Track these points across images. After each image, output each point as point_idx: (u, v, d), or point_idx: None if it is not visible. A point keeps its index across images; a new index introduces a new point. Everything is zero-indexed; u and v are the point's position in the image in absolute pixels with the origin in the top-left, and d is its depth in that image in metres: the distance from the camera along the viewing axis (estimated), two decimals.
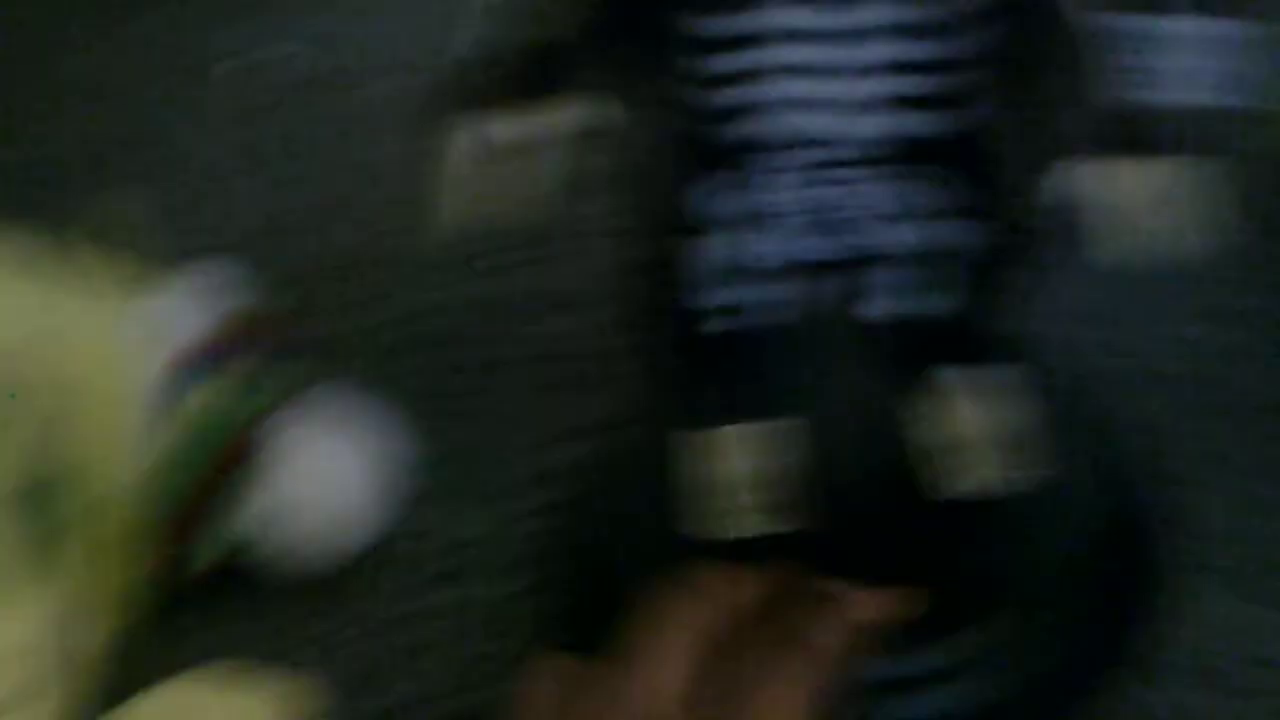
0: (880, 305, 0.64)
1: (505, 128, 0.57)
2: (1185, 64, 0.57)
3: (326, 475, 0.73)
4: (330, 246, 0.88)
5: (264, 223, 0.90)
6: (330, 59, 1.03)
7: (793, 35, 0.58)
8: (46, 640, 0.64)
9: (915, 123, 0.59)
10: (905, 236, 0.62)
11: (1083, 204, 0.60)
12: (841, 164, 0.59)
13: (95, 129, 0.98)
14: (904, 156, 0.60)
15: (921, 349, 0.64)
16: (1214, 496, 0.73)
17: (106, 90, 1.02)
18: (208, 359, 0.72)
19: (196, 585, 0.71)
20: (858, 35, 0.58)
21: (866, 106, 0.59)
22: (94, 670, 0.67)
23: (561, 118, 0.59)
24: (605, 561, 0.66)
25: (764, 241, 0.60)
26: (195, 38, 1.06)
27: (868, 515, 0.64)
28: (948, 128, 0.59)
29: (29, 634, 0.63)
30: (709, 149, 0.58)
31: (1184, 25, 0.57)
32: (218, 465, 0.71)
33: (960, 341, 0.65)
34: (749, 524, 0.62)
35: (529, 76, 0.56)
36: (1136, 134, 0.58)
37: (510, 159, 0.59)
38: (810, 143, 0.59)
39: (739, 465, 0.63)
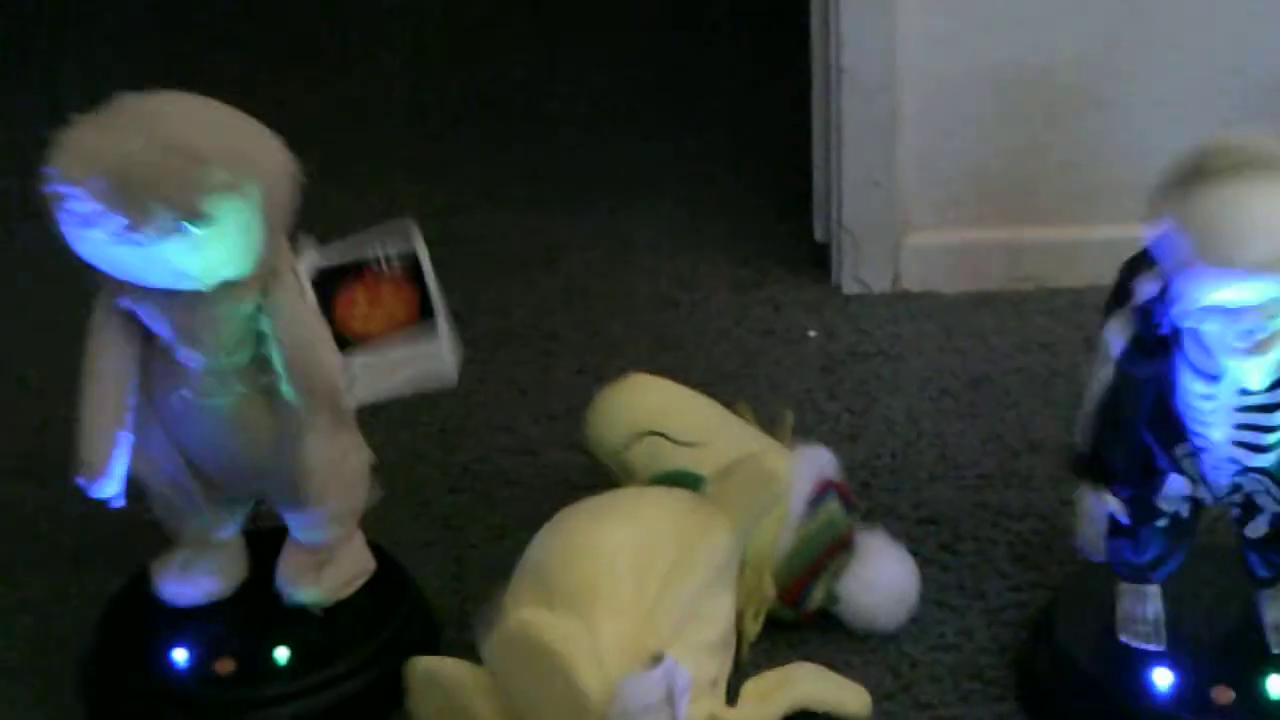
0: (1255, 529, 1.15)
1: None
2: None
3: (886, 573, 1.25)
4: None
5: (838, 430, 1.48)
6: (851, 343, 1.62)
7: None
8: (732, 618, 1.17)
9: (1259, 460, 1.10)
10: (1268, 501, 1.12)
11: None
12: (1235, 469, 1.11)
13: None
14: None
15: (1270, 561, 1.15)
16: None
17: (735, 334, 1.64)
18: (829, 492, 1.26)
19: (805, 619, 1.24)
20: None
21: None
22: (742, 647, 1.19)
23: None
24: (1061, 646, 1.17)
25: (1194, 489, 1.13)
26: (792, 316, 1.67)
27: (1222, 653, 1.14)
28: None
29: (731, 609, 1.17)
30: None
31: None
32: (828, 552, 1.24)
33: None
34: (1149, 640, 1.14)
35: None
36: None
37: None
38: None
39: (1147, 608, 1.15)
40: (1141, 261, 1.10)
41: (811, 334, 1.64)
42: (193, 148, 1.04)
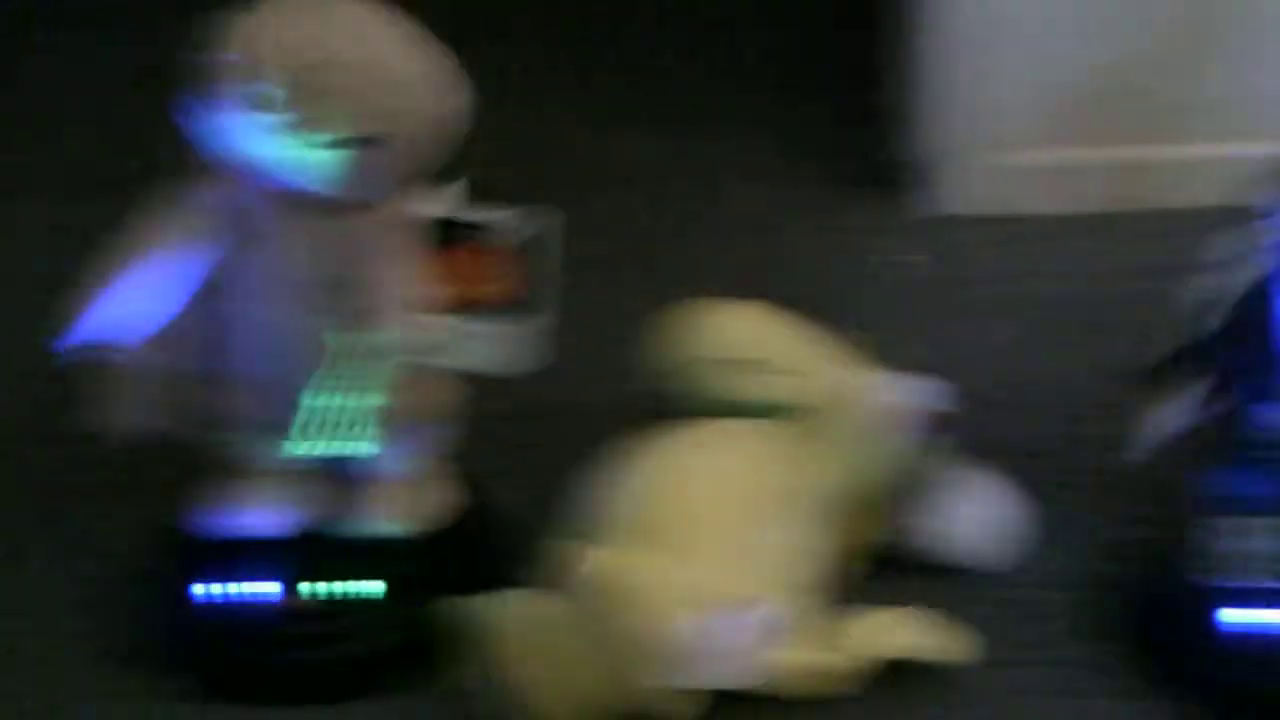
0: None
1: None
2: None
3: (987, 509, 1.20)
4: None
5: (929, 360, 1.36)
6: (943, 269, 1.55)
7: None
8: (823, 556, 1.12)
9: None
10: None
11: None
12: None
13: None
14: None
15: None
16: None
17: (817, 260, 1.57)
18: (930, 424, 1.19)
19: (906, 557, 1.19)
20: None
21: None
22: (836, 588, 1.14)
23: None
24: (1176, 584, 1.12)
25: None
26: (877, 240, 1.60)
27: None
28: None
29: (821, 547, 1.12)
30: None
31: None
32: (930, 488, 1.18)
33: None
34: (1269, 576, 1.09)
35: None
36: None
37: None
38: None
39: (1265, 542, 1.09)
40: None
41: (900, 259, 1.58)
42: (392, 67, 1.02)
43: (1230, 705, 1.09)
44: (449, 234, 1.11)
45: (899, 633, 1.12)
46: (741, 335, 1.24)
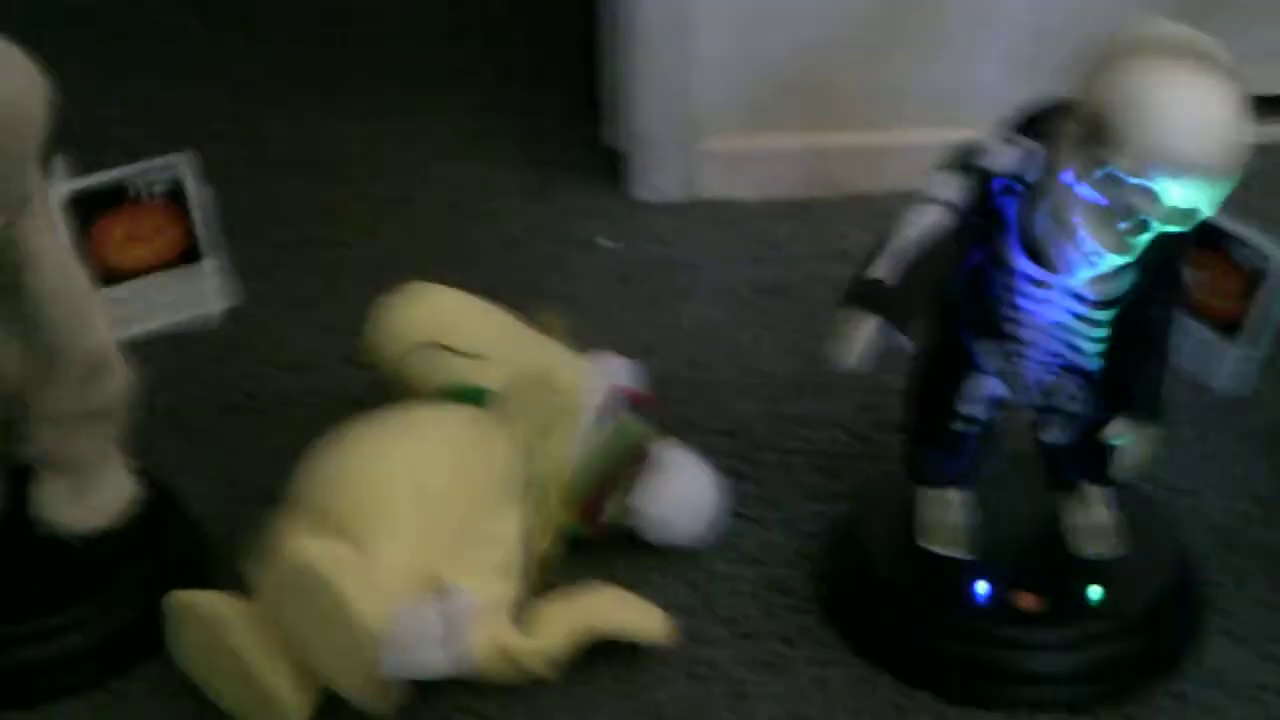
0: (1054, 436, 1.11)
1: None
2: None
3: (684, 484, 1.20)
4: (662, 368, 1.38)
5: (634, 341, 1.41)
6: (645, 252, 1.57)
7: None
8: (519, 538, 1.12)
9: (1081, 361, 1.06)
10: (1074, 405, 1.08)
11: None
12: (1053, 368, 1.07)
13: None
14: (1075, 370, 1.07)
15: (1070, 466, 1.12)
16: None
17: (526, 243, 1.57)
18: (625, 402, 1.20)
19: (603, 534, 1.19)
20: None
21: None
22: (534, 568, 1.14)
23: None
24: (863, 556, 1.13)
25: (1003, 389, 1.09)
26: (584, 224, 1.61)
27: (1025, 559, 1.12)
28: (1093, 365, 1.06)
29: (517, 529, 1.12)
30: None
31: None
32: (622, 462, 1.18)
33: (1091, 468, 1.12)
34: (952, 547, 1.10)
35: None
36: None
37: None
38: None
39: (953, 514, 1.11)
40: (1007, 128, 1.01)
41: (605, 243, 1.59)
42: None
43: (919, 669, 1.11)
44: (88, 209, 1.06)
45: (596, 612, 1.12)
46: (436, 320, 1.22)
